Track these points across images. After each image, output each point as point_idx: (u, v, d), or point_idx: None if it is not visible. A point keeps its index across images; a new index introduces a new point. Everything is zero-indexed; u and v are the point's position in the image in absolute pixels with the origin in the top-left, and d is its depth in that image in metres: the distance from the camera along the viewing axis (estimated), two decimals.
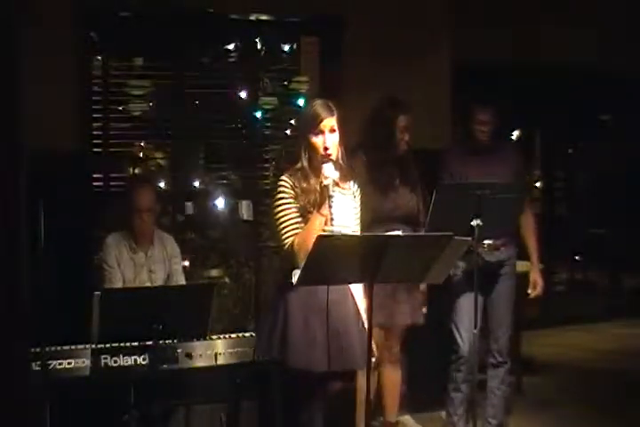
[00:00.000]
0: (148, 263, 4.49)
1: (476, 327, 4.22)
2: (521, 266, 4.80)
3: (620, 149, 8.51)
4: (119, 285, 4.39)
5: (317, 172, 3.41)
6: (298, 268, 3.23)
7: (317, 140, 3.40)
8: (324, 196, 3.30)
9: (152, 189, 4.58)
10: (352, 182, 3.56)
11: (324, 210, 3.30)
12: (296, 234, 3.34)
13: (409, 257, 3.13)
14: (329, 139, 3.40)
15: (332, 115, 3.42)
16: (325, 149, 3.39)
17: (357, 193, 3.59)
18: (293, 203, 3.39)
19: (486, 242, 4.37)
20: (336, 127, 3.42)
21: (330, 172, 3.32)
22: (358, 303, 3.49)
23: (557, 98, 7.69)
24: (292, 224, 3.37)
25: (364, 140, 4.39)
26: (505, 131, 7.71)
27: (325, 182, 3.30)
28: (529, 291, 4.71)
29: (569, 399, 5.53)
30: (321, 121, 3.39)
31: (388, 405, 4.60)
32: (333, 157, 3.40)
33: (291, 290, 3.36)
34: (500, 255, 4.50)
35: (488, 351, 4.59)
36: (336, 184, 3.36)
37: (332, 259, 3.02)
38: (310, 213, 3.36)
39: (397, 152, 4.39)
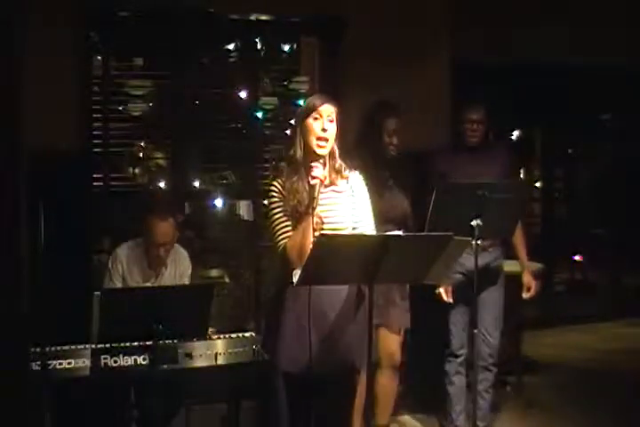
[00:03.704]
0: (158, 283, 4.45)
1: (475, 327, 4.21)
2: (515, 266, 4.79)
3: (620, 148, 8.51)
4: None
5: (309, 164, 3.38)
6: (293, 269, 3.24)
7: (314, 124, 3.35)
8: (310, 196, 3.28)
9: (172, 221, 4.37)
10: (349, 179, 3.49)
11: (311, 209, 3.27)
12: (288, 237, 3.33)
13: (409, 257, 3.12)
14: (327, 124, 3.35)
15: (331, 103, 3.39)
16: (324, 130, 3.33)
17: (358, 189, 3.50)
18: (283, 206, 3.38)
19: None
20: (334, 118, 3.38)
21: (318, 172, 3.28)
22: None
23: (557, 98, 7.68)
24: (283, 227, 3.36)
25: (356, 141, 4.38)
26: (502, 131, 7.75)
27: (312, 182, 3.27)
28: (523, 294, 4.69)
29: (569, 399, 5.52)
30: (318, 106, 3.36)
31: (380, 408, 4.56)
32: (327, 150, 3.36)
33: (286, 292, 3.36)
34: (487, 257, 4.49)
35: (479, 354, 4.57)
36: (330, 181, 3.35)
37: (333, 259, 3.02)
38: (300, 213, 3.32)
39: (386, 155, 4.39)
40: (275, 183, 3.43)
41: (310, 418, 3.42)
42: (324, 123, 3.36)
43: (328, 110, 3.38)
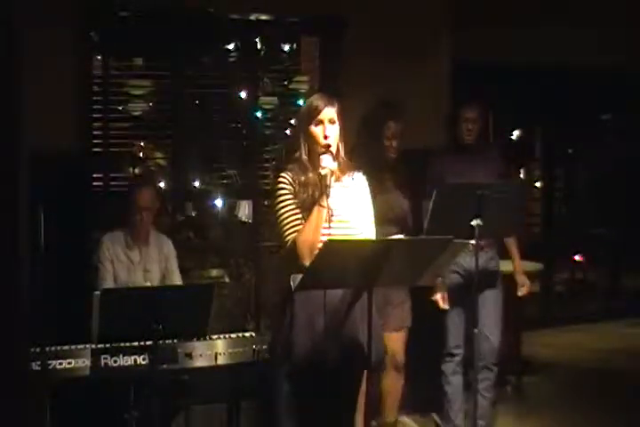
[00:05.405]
0: (143, 262, 4.50)
1: (475, 327, 4.21)
2: (512, 265, 4.79)
3: (620, 148, 8.52)
4: (110, 282, 4.40)
5: (316, 164, 3.38)
6: (299, 266, 3.22)
7: (317, 130, 3.36)
8: (322, 186, 3.27)
9: (153, 189, 4.60)
10: (354, 175, 3.50)
11: (323, 202, 3.28)
12: (297, 231, 3.31)
13: (408, 261, 3.11)
14: (329, 129, 3.36)
15: (332, 106, 3.39)
16: (325, 137, 3.34)
17: (362, 186, 3.51)
18: (293, 199, 3.36)
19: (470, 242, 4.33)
20: (336, 119, 3.38)
21: (327, 162, 3.29)
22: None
23: (557, 98, 7.69)
24: (292, 220, 3.33)
25: (355, 142, 4.37)
26: (503, 131, 7.75)
27: (323, 172, 3.27)
28: (518, 292, 4.69)
29: (569, 399, 5.53)
30: (320, 111, 3.36)
31: (387, 406, 4.59)
32: (333, 149, 3.36)
33: (295, 292, 3.33)
34: (483, 256, 4.46)
35: (479, 353, 4.57)
36: (336, 177, 3.32)
37: (337, 264, 3.00)
38: (311, 207, 3.31)
39: (385, 157, 4.38)
40: (284, 175, 3.40)
41: (315, 417, 3.41)
42: (325, 129, 3.37)
43: (329, 115, 3.37)
